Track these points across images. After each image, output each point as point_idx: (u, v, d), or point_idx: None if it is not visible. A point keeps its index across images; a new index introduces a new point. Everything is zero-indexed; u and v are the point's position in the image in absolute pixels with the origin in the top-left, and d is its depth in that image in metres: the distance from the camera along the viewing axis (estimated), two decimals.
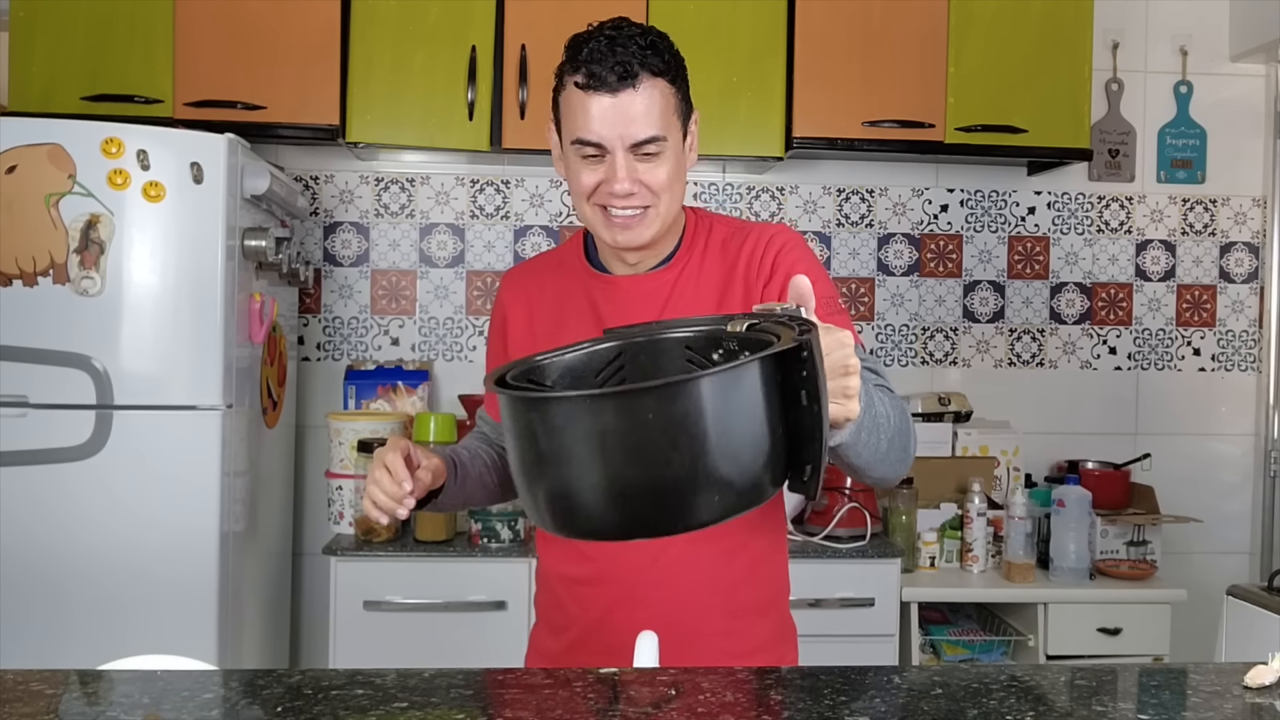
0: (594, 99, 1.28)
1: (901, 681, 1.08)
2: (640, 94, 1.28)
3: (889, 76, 2.72)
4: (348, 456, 2.66)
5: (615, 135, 1.29)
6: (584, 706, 0.99)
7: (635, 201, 1.32)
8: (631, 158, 1.30)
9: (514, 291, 1.49)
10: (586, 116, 1.29)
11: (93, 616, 2.18)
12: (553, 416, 0.85)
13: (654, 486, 0.84)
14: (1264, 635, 2.06)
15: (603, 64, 1.28)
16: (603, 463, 0.84)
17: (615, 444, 0.84)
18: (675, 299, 1.40)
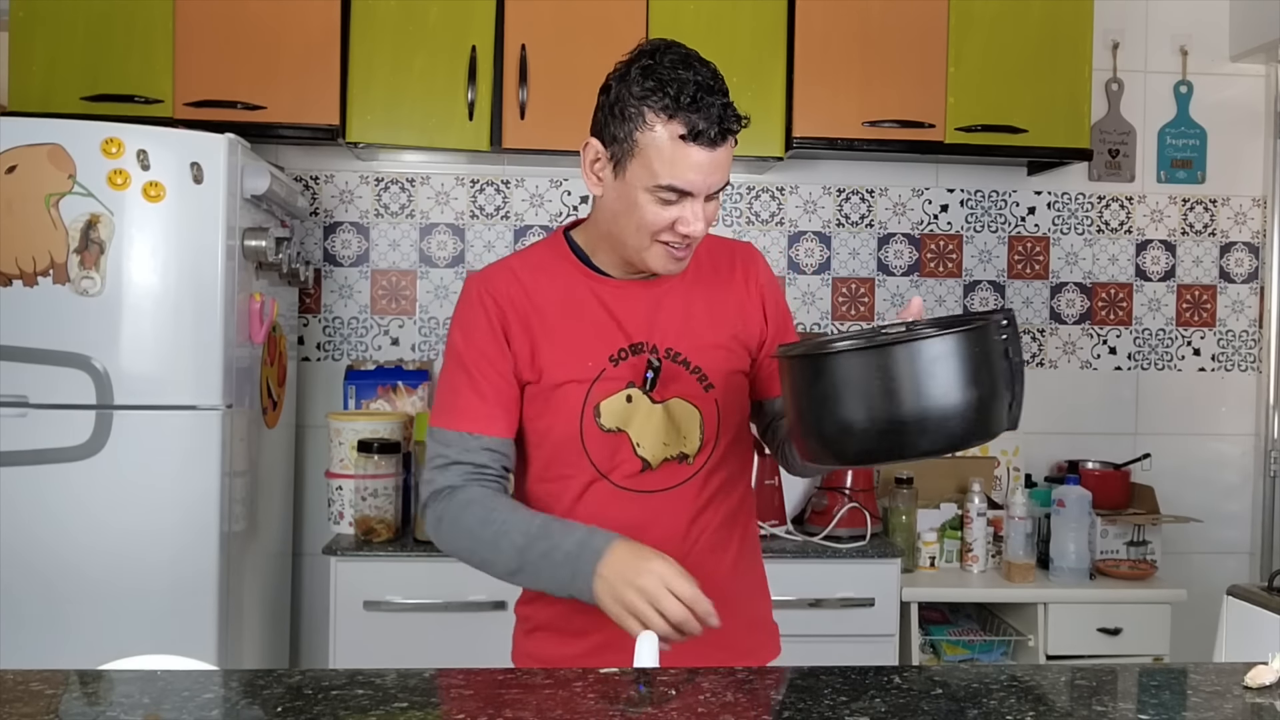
0: (694, 151, 1.32)
1: (901, 681, 1.08)
2: (725, 148, 1.35)
3: (889, 76, 2.72)
4: (348, 456, 2.66)
5: (704, 184, 1.34)
6: (584, 706, 0.99)
7: (697, 235, 1.38)
8: (701, 204, 1.36)
9: (511, 288, 1.46)
10: (683, 166, 1.32)
11: (93, 616, 2.18)
12: (913, 353, 1.13)
13: (954, 410, 1.13)
14: (1264, 635, 2.06)
15: (708, 119, 1.31)
16: (952, 385, 1.13)
17: (947, 371, 1.13)
18: (681, 302, 1.48)
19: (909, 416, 1.11)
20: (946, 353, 1.12)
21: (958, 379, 1.11)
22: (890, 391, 1.11)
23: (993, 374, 1.14)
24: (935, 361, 1.11)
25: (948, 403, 1.11)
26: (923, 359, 1.11)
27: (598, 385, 1.43)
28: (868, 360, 1.13)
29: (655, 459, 1.44)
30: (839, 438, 1.16)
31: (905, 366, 1.11)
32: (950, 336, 1.13)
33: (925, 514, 2.76)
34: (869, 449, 1.15)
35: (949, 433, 1.12)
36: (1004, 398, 1.16)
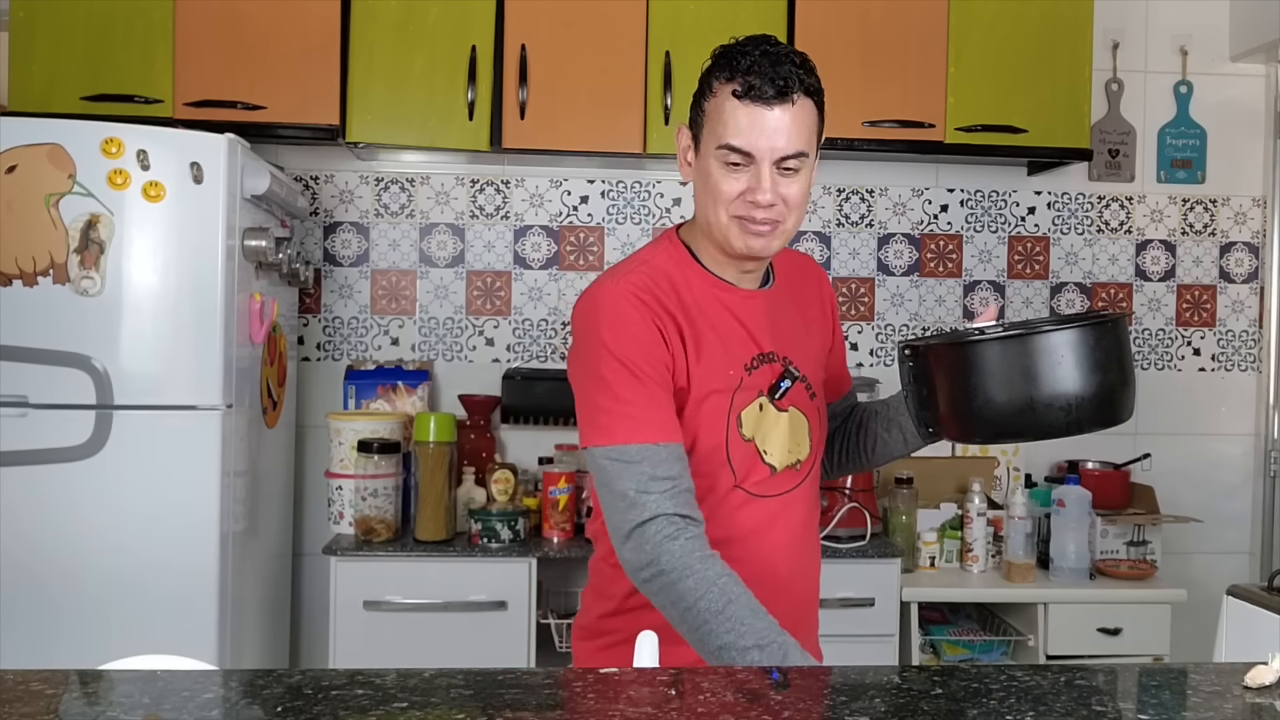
0: (750, 109, 1.32)
1: (901, 681, 1.08)
2: (791, 110, 1.33)
3: (889, 76, 2.72)
4: (348, 456, 2.66)
5: (766, 147, 1.33)
6: (584, 706, 0.99)
7: (773, 214, 1.36)
8: (775, 171, 1.34)
9: (661, 287, 1.39)
10: (739, 125, 1.33)
11: (93, 616, 2.18)
12: (1064, 341, 1.26)
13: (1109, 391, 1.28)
14: (1264, 635, 2.06)
15: (762, 76, 1.32)
16: (1094, 370, 1.27)
17: (1100, 357, 1.28)
18: (783, 314, 1.50)
19: (1060, 399, 1.24)
20: (1089, 341, 1.26)
21: (1101, 365, 1.25)
22: (1047, 375, 1.24)
23: (1123, 363, 1.27)
24: (1081, 348, 1.25)
25: (1090, 387, 1.25)
26: (1075, 346, 1.25)
27: (738, 395, 1.42)
28: (1029, 347, 1.26)
29: (780, 466, 1.46)
30: (1012, 418, 1.27)
31: (1057, 353, 1.24)
32: (1093, 327, 1.27)
33: (925, 514, 2.76)
34: (1025, 428, 1.28)
35: (1087, 415, 1.25)
36: (1131, 386, 1.30)
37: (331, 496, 2.69)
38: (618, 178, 3.03)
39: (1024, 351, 1.25)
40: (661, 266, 1.43)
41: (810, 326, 1.54)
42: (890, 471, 2.79)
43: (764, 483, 1.45)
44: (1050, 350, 1.24)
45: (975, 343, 1.28)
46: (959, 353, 1.29)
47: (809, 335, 1.53)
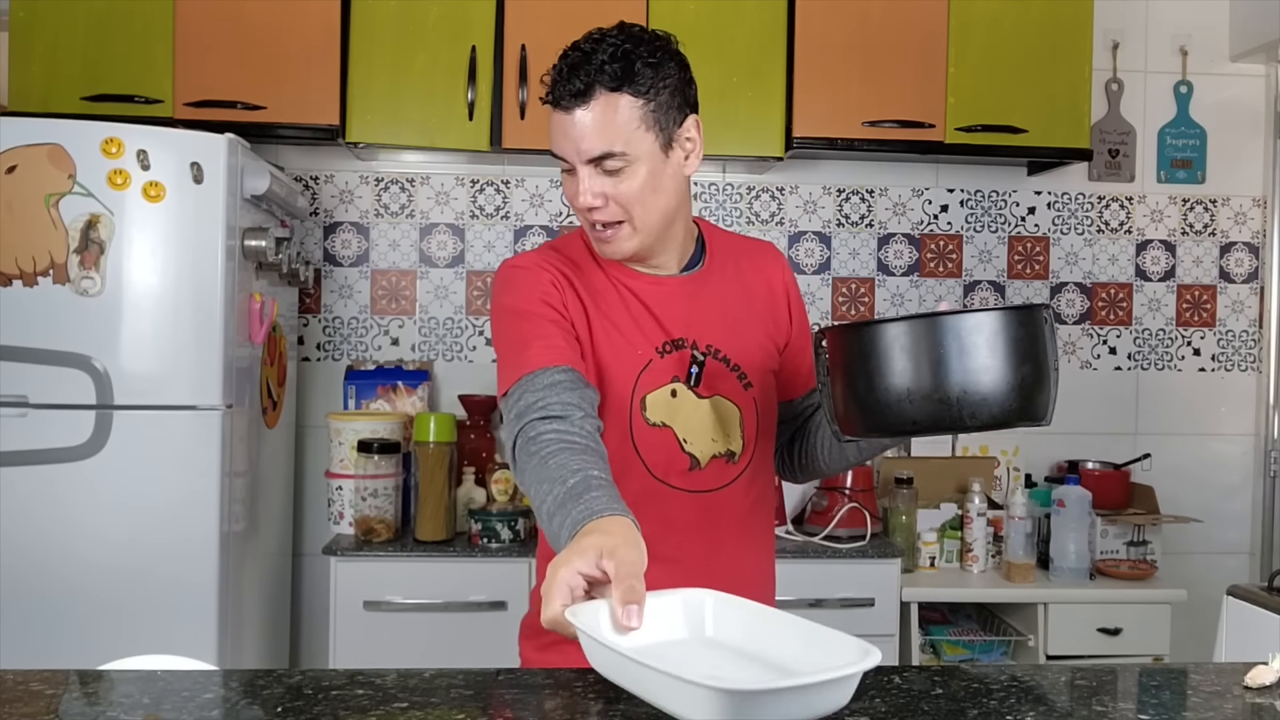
0: (555, 115, 1.32)
1: (901, 681, 1.08)
2: (592, 110, 1.30)
3: (889, 76, 2.72)
4: (348, 456, 2.66)
5: (572, 151, 1.31)
6: (584, 706, 0.99)
7: (605, 216, 1.33)
8: (595, 172, 1.32)
9: (562, 264, 1.41)
10: (552, 132, 1.33)
11: (93, 616, 2.18)
12: (964, 327, 1.15)
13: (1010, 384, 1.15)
14: (1264, 635, 2.06)
15: (562, 82, 1.31)
16: (1001, 361, 1.15)
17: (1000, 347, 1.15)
18: (715, 299, 1.45)
19: (957, 388, 1.14)
20: (997, 329, 1.15)
21: (1007, 356, 1.14)
22: (939, 362, 1.14)
23: (1038, 357, 1.17)
24: (987, 336, 1.15)
25: (995, 378, 1.14)
26: (973, 333, 1.15)
27: (645, 376, 1.38)
28: (920, 331, 1.16)
29: (704, 456, 1.40)
30: (891, 406, 1.18)
31: (955, 340, 1.15)
32: (1000, 313, 1.16)
33: (925, 514, 2.76)
34: (916, 419, 1.17)
35: (995, 408, 1.14)
36: (1048, 383, 1.19)
37: (331, 496, 2.69)
38: None
39: (924, 336, 1.15)
40: (566, 251, 1.44)
41: (753, 314, 1.48)
42: (890, 471, 2.79)
43: (688, 475, 1.40)
44: (951, 336, 1.14)
45: (874, 325, 1.19)
46: (857, 336, 1.20)
47: (748, 323, 1.46)
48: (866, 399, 1.18)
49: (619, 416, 1.37)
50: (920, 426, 1.17)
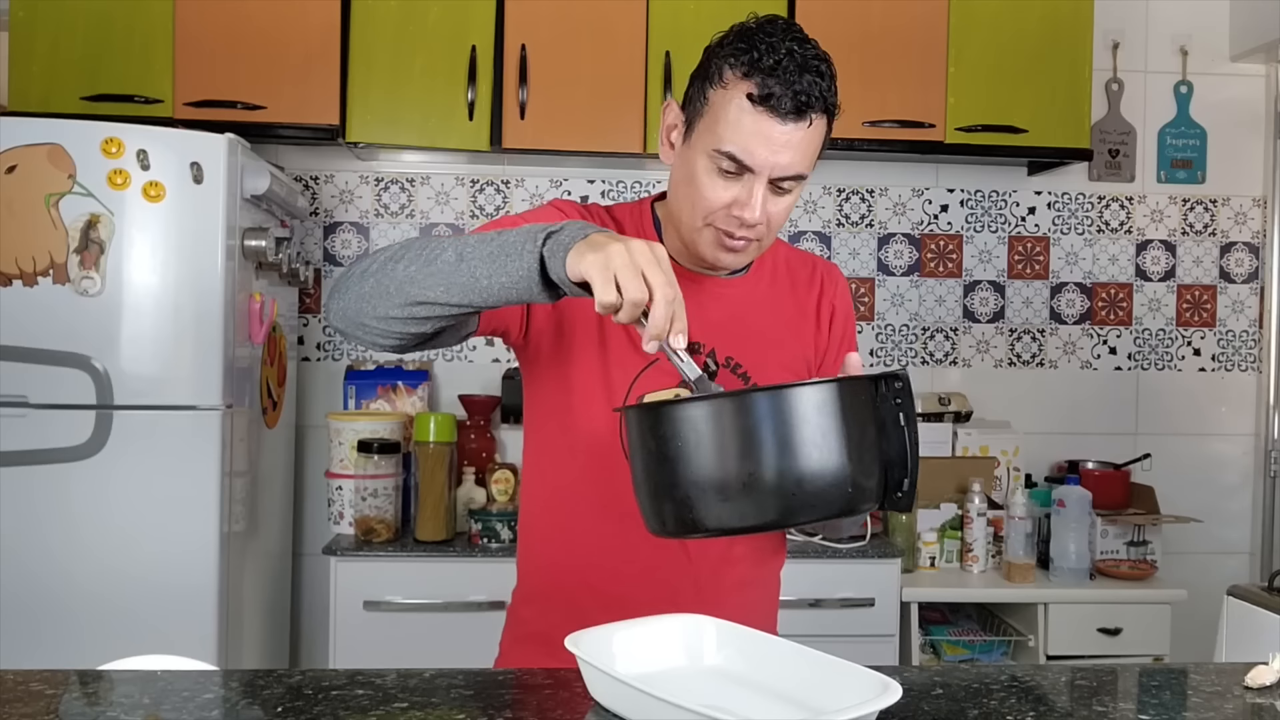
0: (762, 119, 1.17)
1: (901, 681, 1.08)
2: (804, 130, 1.19)
3: (889, 76, 2.72)
4: (348, 456, 2.66)
5: (767, 164, 1.19)
6: (584, 706, 0.99)
7: (755, 233, 1.23)
8: (767, 189, 1.21)
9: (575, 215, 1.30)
10: (745, 133, 1.18)
11: (93, 616, 2.18)
12: (747, 406, 0.97)
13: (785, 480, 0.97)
14: (1264, 635, 2.06)
15: (784, 84, 1.17)
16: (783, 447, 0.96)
17: (767, 437, 0.96)
18: (752, 310, 1.35)
19: (741, 479, 0.95)
20: (784, 408, 0.96)
21: (785, 443, 0.95)
22: (722, 449, 0.96)
23: (850, 439, 0.97)
24: (767, 417, 0.96)
25: (780, 467, 0.95)
26: (755, 414, 0.96)
27: (649, 373, 1.28)
28: (703, 413, 0.98)
29: None
30: (644, 502, 1.02)
31: (741, 421, 0.96)
32: (790, 392, 0.97)
33: (925, 514, 2.76)
34: (695, 516, 0.98)
35: (785, 503, 0.96)
36: (870, 471, 1.00)
37: (331, 496, 2.69)
38: (618, 178, 3.03)
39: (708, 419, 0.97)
40: (618, 217, 1.34)
41: (790, 333, 1.37)
42: None
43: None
44: (734, 417, 0.96)
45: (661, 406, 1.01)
46: (649, 418, 1.01)
47: (781, 342, 1.36)
48: (660, 490, 1.00)
49: (610, 418, 1.29)
50: (704, 525, 0.98)
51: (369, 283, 1.12)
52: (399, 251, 1.12)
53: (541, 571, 1.37)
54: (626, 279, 0.98)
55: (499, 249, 1.05)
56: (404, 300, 1.10)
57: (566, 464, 1.32)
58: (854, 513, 1.00)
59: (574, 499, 1.32)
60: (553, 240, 1.03)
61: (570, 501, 1.32)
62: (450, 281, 1.07)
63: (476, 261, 1.06)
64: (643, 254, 0.99)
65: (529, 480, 1.38)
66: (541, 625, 1.33)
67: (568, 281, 1.02)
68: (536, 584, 1.38)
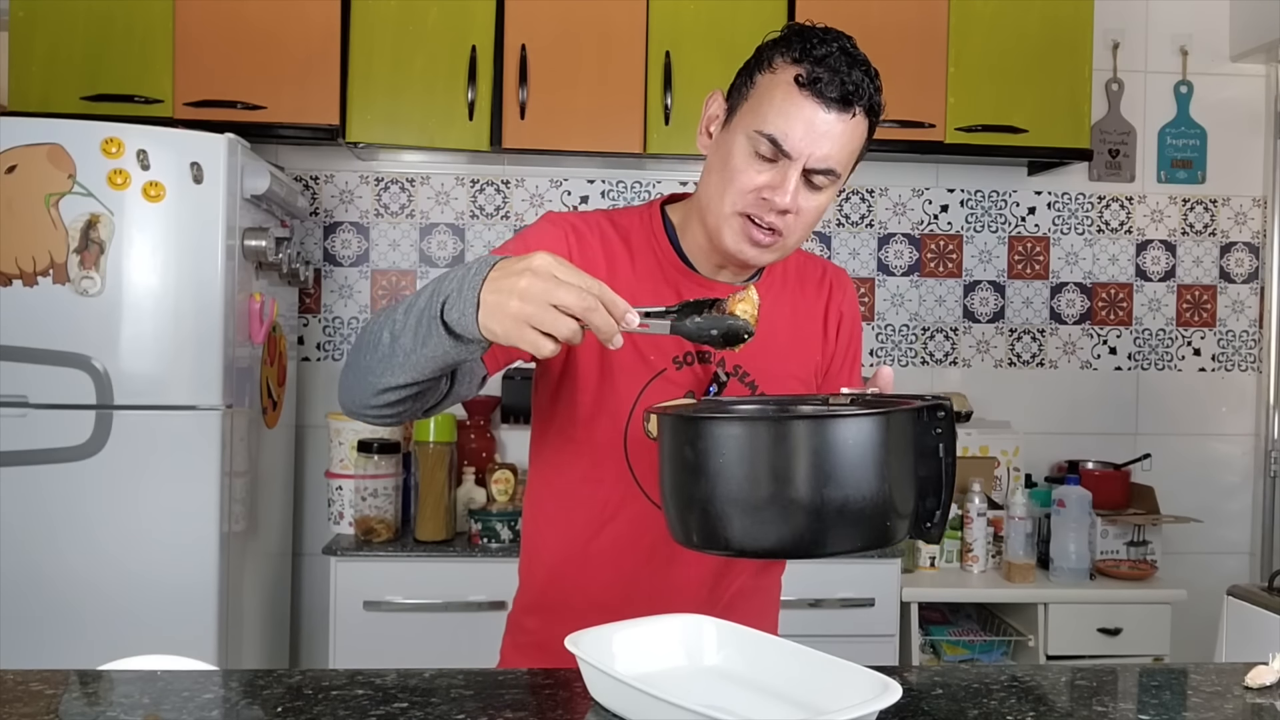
0: (807, 101, 1.18)
1: (901, 681, 1.08)
2: (846, 122, 1.20)
3: (889, 76, 2.67)
4: (348, 456, 2.66)
5: (805, 149, 1.18)
6: (584, 706, 0.99)
7: (783, 222, 1.21)
8: (801, 180, 1.19)
9: (592, 240, 1.28)
10: (788, 116, 1.18)
11: (92, 616, 2.18)
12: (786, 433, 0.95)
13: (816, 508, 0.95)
14: (1264, 635, 2.06)
15: (833, 71, 1.18)
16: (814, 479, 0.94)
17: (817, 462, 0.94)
18: (762, 318, 1.30)
19: (780, 503, 0.94)
20: (828, 438, 0.94)
21: (826, 472, 0.94)
22: (762, 471, 0.95)
23: (887, 476, 0.96)
24: (806, 446, 0.94)
25: (819, 495, 0.93)
26: (798, 441, 0.94)
27: (655, 384, 1.26)
28: (736, 434, 0.96)
29: None
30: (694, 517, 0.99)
31: (784, 445, 0.95)
32: (836, 421, 0.96)
33: None
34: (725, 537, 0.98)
35: (818, 532, 0.94)
36: (902, 506, 0.98)
37: (331, 496, 2.69)
38: (618, 178, 3.03)
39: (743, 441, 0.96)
40: (623, 223, 1.32)
41: (798, 340, 1.36)
42: None
43: None
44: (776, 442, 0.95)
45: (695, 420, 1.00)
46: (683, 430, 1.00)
47: (790, 350, 1.35)
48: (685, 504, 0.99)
49: (614, 423, 1.27)
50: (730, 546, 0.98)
51: (347, 375, 1.15)
52: (361, 337, 1.13)
53: (546, 583, 1.36)
54: (543, 319, 0.94)
55: (416, 321, 1.02)
56: (369, 390, 1.12)
57: (573, 477, 1.31)
58: (886, 544, 0.98)
59: (580, 512, 1.31)
60: (449, 308, 0.99)
61: (576, 514, 1.32)
62: (393, 364, 1.06)
63: (405, 337, 1.04)
64: (534, 286, 0.93)
65: (534, 491, 1.37)
66: (545, 636, 1.32)
67: (485, 341, 0.98)
68: (541, 595, 1.37)
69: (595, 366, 1.27)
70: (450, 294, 0.99)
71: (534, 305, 0.93)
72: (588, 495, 1.30)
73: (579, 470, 1.30)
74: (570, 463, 1.30)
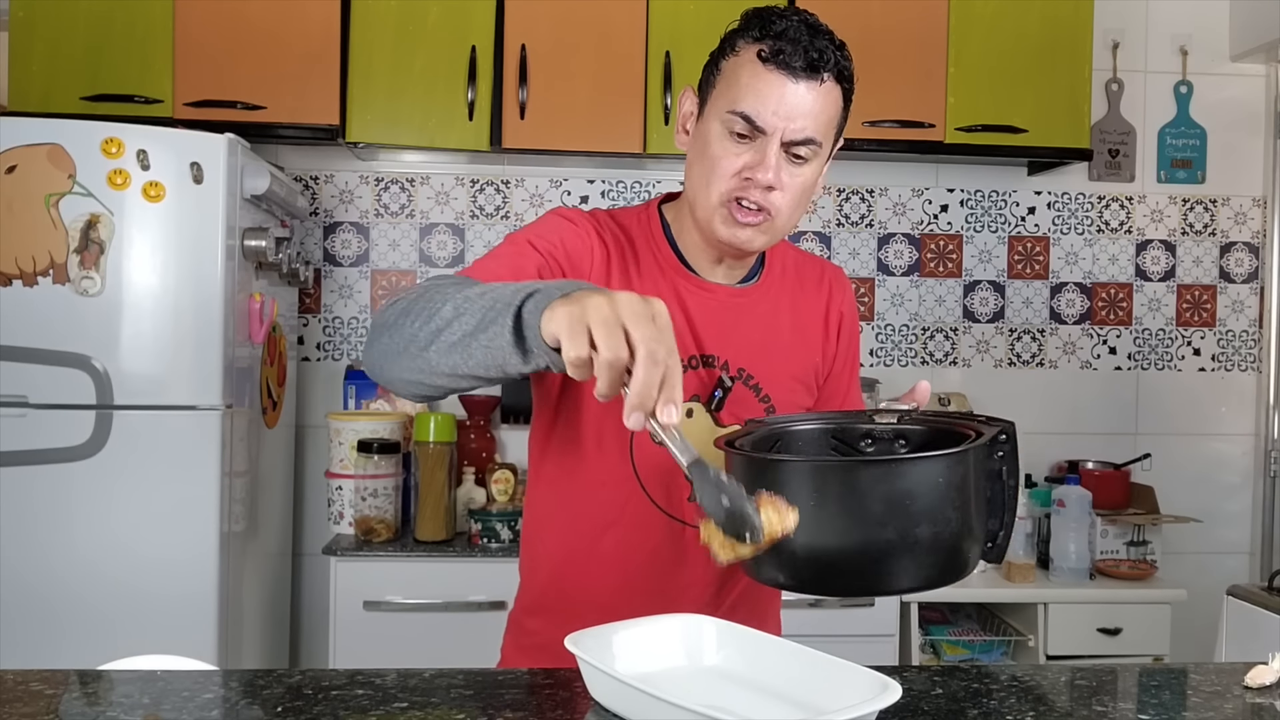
0: (773, 76, 1.17)
1: (901, 681, 1.08)
2: (816, 91, 1.18)
3: (889, 76, 2.72)
4: (348, 456, 2.66)
5: (779, 124, 1.17)
6: (584, 706, 0.99)
7: (768, 200, 1.20)
8: (782, 154, 1.19)
9: (603, 232, 1.28)
10: (756, 92, 1.17)
11: (92, 616, 2.18)
12: (868, 477, 0.94)
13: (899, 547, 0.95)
14: (1264, 635, 2.06)
15: (795, 44, 1.16)
16: (910, 518, 0.94)
17: (911, 503, 0.94)
18: (764, 321, 1.32)
19: (856, 548, 0.95)
20: (915, 479, 0.94)
21: (916, 513, 0.93)
22: (836, 518, 0.94)
23: (953, 510, 0.95)
24: (895, 489, 0.93)
25: (887, 539, 0.93)
26: (878, 484, 0.94)
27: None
28: (810, 478, 0.96)
29: None
30: (773, 559, 0.99)
31: (859, 490, 0.94)
32: (919, 463, 0.95)
33: None
34: (801, 577, 0.99)
35: (896, 573, 0.95)
36: (973, 535, 0.98)
37: (331, 496, 2.69)
38: (618, 178, 3.03)
39: (816, 486, 0.95)
40: (625, 224, 1.31)
41: (799, 340, 1.35)
42: None
43: (686, 506, 1.27)
44: (853, 486, 0.94)
45: (769, 462, 0.99)
46: (756, 470, 0.99)
47: (792, 352, 1.34)
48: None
49: (619, 426, 1.29)
50: (806, 586, 0.99)
51: (384, 339, 1.05)
52: (409, 304, 1.04)
53: (548, 583, 1.36)
54: (602, 334, 0.83)
55: (490, 304, 0.95)
56: (410, 364, 1.02)
57: (577, 479, 1.30)
58: (958, 578, 0.98)
59: (584, 514, 1.30)
60: (534, 298, 0.92)
61: (580, 516, 1.31)
62: (440, 341, 0.98)
63: (468, 317, 0.96)
64: (629, 305, 0.85)
65: (536, 492, 1.36)
66: (547, 638, 1.31)
67: (542, 345, 0.89)
68: (542, 595, 1.37)
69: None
70: (544, 290, 0.93)
71: (607, 317, 0.84)
72: (592, 497, 1.29)
73: (583, 472, 1.29)
74: (574, 465, 1.29)
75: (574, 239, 1.24)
